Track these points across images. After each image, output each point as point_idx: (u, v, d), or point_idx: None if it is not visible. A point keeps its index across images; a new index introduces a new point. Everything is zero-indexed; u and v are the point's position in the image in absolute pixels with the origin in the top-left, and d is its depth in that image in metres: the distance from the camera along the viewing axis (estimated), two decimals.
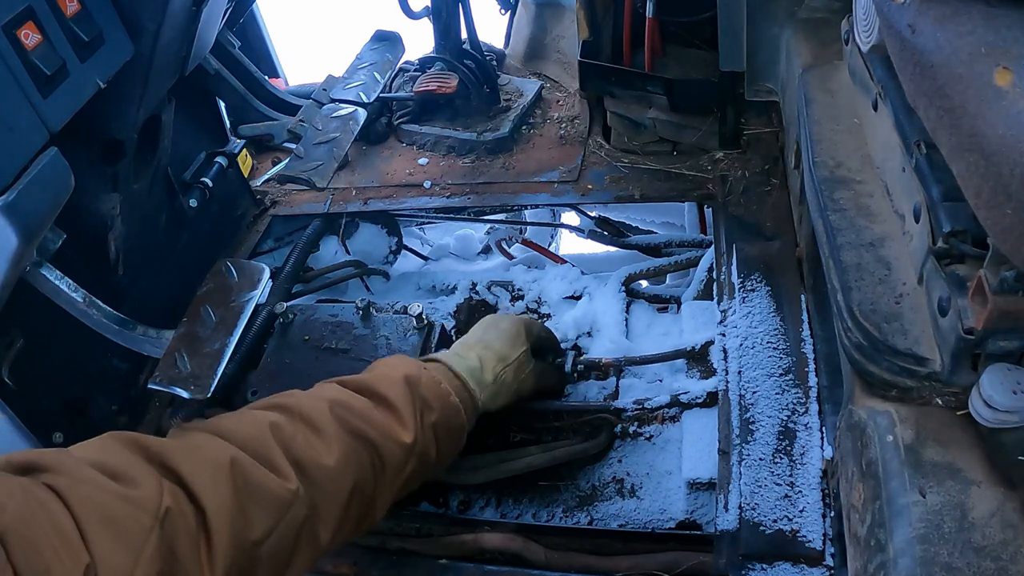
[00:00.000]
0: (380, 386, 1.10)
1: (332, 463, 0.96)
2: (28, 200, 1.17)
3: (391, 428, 1.05)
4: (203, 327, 1.56)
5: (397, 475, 1.06)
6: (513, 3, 2.33)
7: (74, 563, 0.71)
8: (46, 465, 0.78)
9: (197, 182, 1.81)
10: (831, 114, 1.15)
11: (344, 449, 0.99)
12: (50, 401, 1.44)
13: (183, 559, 0.80)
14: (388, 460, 1.04)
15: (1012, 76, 0.61)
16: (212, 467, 0.86)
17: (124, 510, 0.77)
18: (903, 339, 0.83)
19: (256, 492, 0.88)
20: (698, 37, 1.74)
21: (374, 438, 1.03)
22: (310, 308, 1.65)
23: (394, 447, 1.05)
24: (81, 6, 1.26)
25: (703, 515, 1.30)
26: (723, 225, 1.59)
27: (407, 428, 1.07)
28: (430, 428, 1.11)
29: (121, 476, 0.81)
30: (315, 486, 0.94)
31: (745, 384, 1.25)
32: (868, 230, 0.96)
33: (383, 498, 1.06)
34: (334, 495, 0.96)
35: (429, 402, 1.12)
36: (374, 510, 1.05)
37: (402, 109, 2.14)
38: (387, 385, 1.10)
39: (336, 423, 1.01)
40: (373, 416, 1.05)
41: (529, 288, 1.78)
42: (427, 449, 1.10)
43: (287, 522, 0.90)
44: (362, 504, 1.01)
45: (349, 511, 0.99)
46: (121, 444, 0.86)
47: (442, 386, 1.16)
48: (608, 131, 1.93)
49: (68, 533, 0.73)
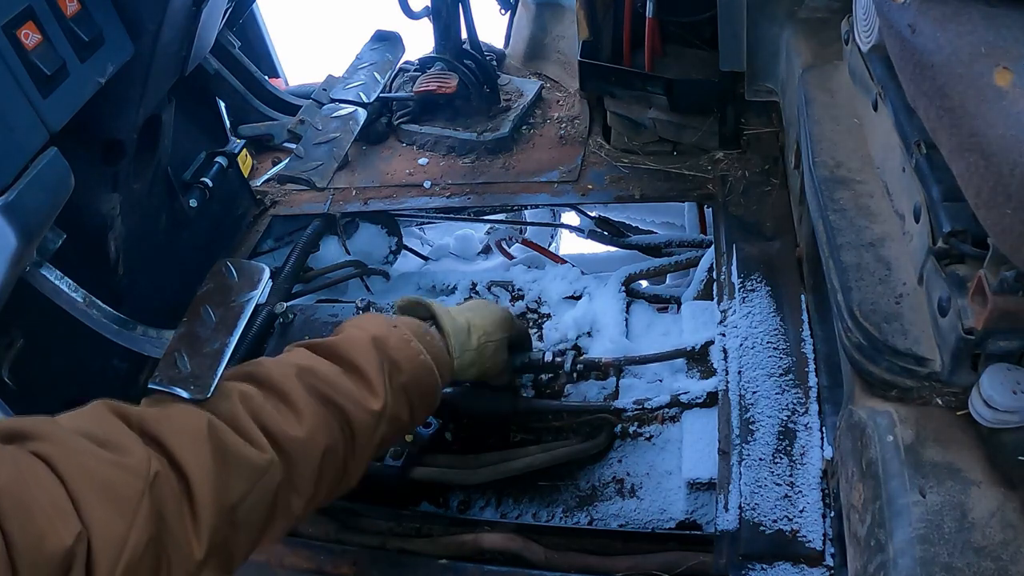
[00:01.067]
0: (348, 350, 1.09)
1: (302, 433, 0.96)
2: (28, 200, 1.17)
3: (360, 394, 1.04)
4: (203, 327, 1.55)
5: (368, 440, 1.05)
6: (513, 3, 2.33)
7: (67, 530, 0.71)
8: (34, 433, 0.78)
9: (197, 182, 1.81)
10: (831, 114, 1.15)
11: (313, 418, 0.98)
12: (50, 401, 1.43)
13: (171, 524, 0.80)
14: (358, 426, 1.03)
15: (1012, 76, 0.61)
16: (191, 433, 0.87)
17: (117, 476, 0.78)
18: (903, 339, 0.83)
19: (233, 458, 0.88)
20: (698, 37, 1.74)
21: (343, 404, 1.02)
22: (310, 308, 1.65)
23: (363, 413, 1.04)
24: (81, 6, 1.26)
25: (703, 515, 1.30)
26: (723, 225, 1.59)
27: (376, 393, 1.06)
28: (400, 390, 1.10)
29: (110, 444, 0.81)
30: (287, 455, 0.94)
31: (745, 384, 1.25)
32: (868, 230, 0.96)
33: (356, 463, 1.05)
34: (305, 464, 0.96)
35: (398, 363, 1.11)
36: (347, 475, 1.05)
37: (402, 109, 2.14)
38: (355, 348, 1.09)
39: (305, 391, 1.00)
40: (341, 382, 1.04)
41: (529, 288, 1.78)
42: (398, 412, 1.10)
43: (261, 489, 0.90)
44: (334, 471, 1.01)
45: (321, 478, 0.99)
46: (106, 412, 0.86)
47: (412, 344, 1.14)
48: (608, 131, 1.93)
49: (59, 500, 0.73)
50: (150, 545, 0.77)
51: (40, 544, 0.69)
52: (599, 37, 1.78)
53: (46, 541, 0.69)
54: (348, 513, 1.41)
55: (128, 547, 0.75)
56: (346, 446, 1.02)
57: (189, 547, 0.82)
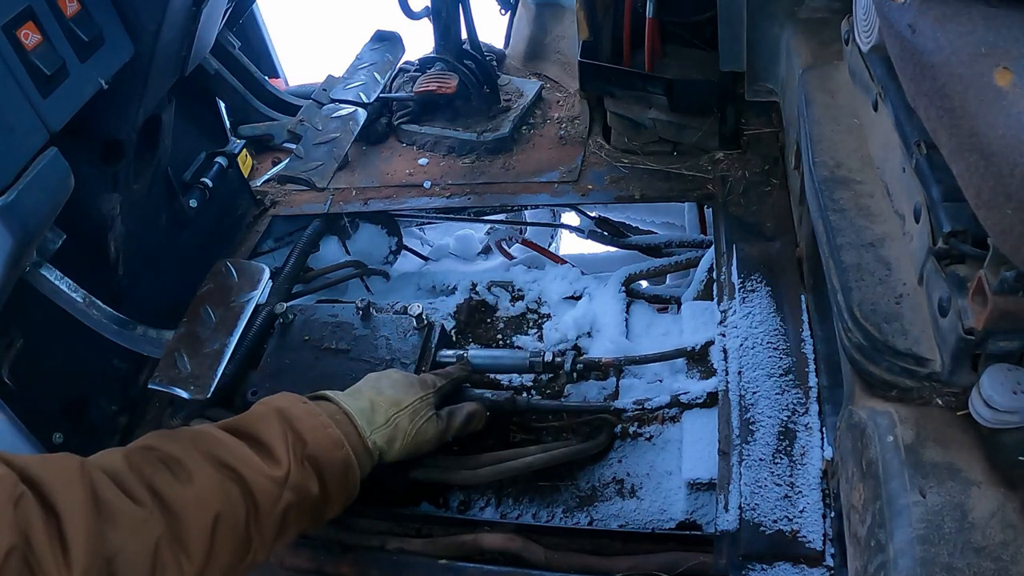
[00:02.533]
0: (251, 423, 1.08)
1: (190, 493, 0.94)
2: (28, 200, 1.17)
3: (259, 462, 1.02)
4: (203, 327, 1.56)
5: (272, 508, 1.02)
6: (513, 3, 2.34)
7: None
8: None
9: (197, 182, 1.81)
10: (831, 114, 1.15)
11: (206, 479, 0.96)
12: (50, 401, 1.44)
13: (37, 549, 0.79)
14: (259, 493, 1.00)
15: (1012, 76, 0.61)
16: (66, 477, 0.86)
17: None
18: (903, 339, 0.83)
19: (108, 507, 0.87)
20: (698, 37, 1.74)
21: (241, 470, 1.00)
22: (310, 308, 1.64)
23: (264, 480, 1.01)
24: (81, 6, 1.26)
25: (703, 515, 1.30)
26: (723, 225, 1.59)
27: (277, 461, 1.04)
28: (306, 461, 1.08)
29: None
30: (172, 513, 0.92)
31: (745, 384, 1.25)
32: (868, 230, 0.96)
33: (263, 534, 1.02)
34: (195, 523, 0.93)
35: (301, 434, 1.09)
36: (252, 547, 1.01)
37: (402, 109, 2.14)
38: (257, 421, 1.08)
39: (199, 455, 0.99)
40: (240, 450, 1.02)
41: (529, 288, 1.78)
42: (305, 483, 1.07)
43: (138, 542, 0.88)
44: (234, 538, 0.98)
45: (217, 543, 0.96)
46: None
47: (320, 418, 1.13)
48: (608, 131, 1.93)
49: None
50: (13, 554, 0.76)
51: None
52: (599, 37, 1.78)
53: None
54: (348, 513, 1.41)
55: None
56: (248, 513, 0.99)
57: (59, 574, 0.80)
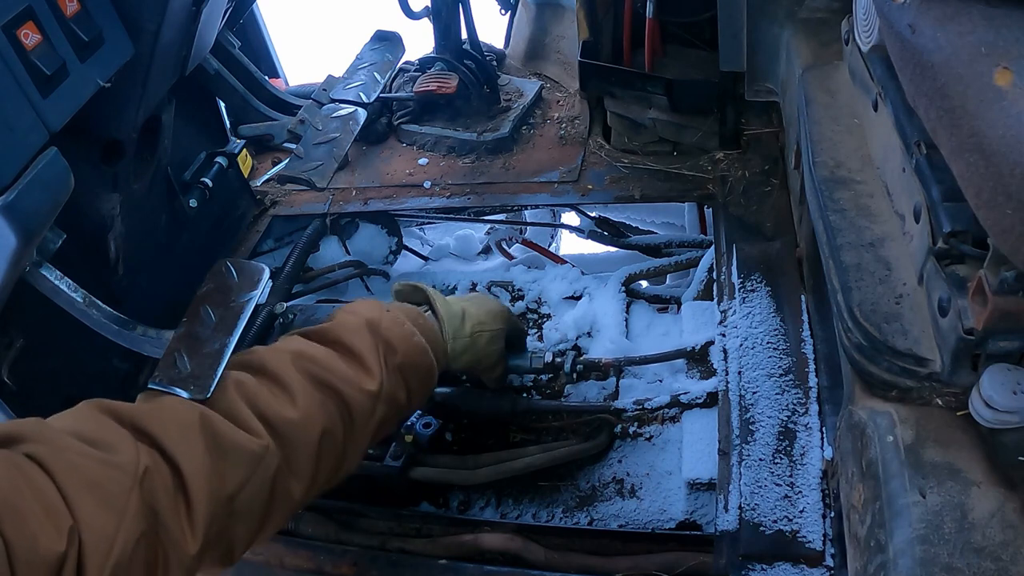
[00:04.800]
0: (342, 334, 1.09)
1: (297, 416, 0.96)
2: (28, 200, 1.17)
3: (355, 375, 1.05)
4: (203, 327, 1.55)
5: (367, 422, 1.05)
6: (513, 3, 2.33)
7: (58, 528, 0.73)
8: (25, 436, 0.80)
9: (197, 182, 1.81)
10: (831, 114, 1.15)
11: (309, 400, 0.98)
12: (50, 401, 1.43)
13: (164, 518, 0.81)
14: (355, 408, 1.03)
15: (1012, 76, 0.61)
16: (182, 426, 0.88)
17: (105, 474, 0.79)
18: (903, 339, 0.83)
19: (227, 447, 0.89)
20: (698, 37, 1.74)
21: (339, 387, 1.02)
22: (310, 308, 1.64)
23: (359, 395, 1.04)
24: (81, 6, 1.26)
25: (703, 515, 1.30)
26: (723, 225, 1.59)
27: (371, 374, 1.06)
28: (396, 370, 1.10)
29: (99, 442, 0.82)
30: (283, 439, 0.94)
31: (745, 384, 1.25)
32: (868, 230, 0.96)
33: (355, 446, 1.05)
34: (303, 447, 0.96)
35: (392, 344, 1.11)
36: (346, 459, 1.05)
37: (402, 109, 2.14)
38: (349, 332, 1.09)
39: (299, 374, 1.01)
40: (336, 365, 1.04)
41: (529, 288, 1.78)
42: (395, 392, 1.10)
43: (259, 476, 0.90)
44: (333, 454, 1.01)
45: (320, 462, 0.99)
46: (96, 411, 0.87)
47: (405, 326, 1.14)
48: (608, 131, 1.93)
49: (52, 500, 0.74)
50: (141, 540, 0.78)
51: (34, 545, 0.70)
52: (599, 37, 1.78)
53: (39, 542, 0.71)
54: (348, 513, 1.41)
55: (117, 543, 0.76)
56: (345, 429, 1.02)
57: (184, 540, 0.82)
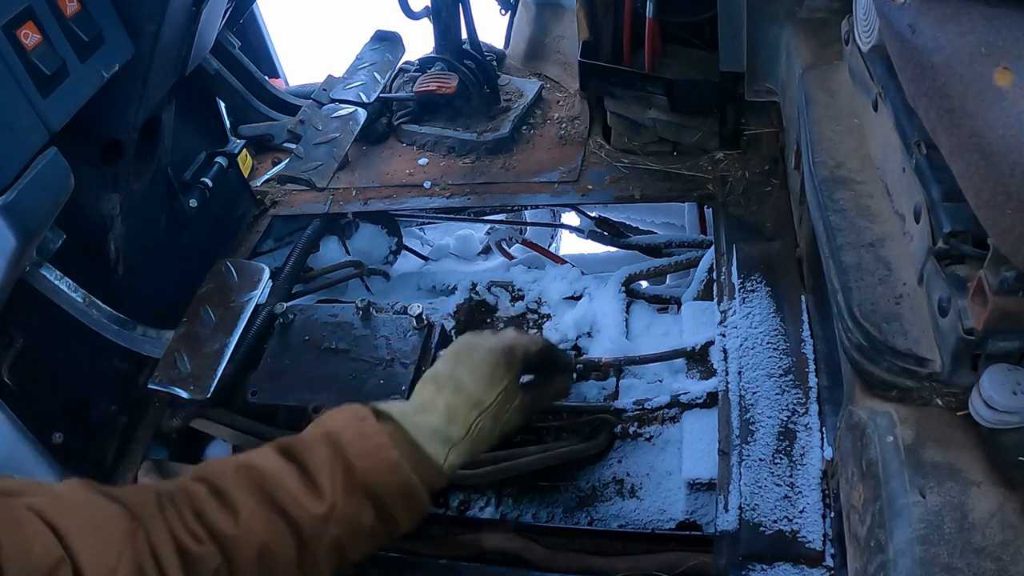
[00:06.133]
0: (302, 448, 1.02)
1: (233, 531, 0.92)
2: (28, 200, 1.17)
3: (304, 495, 0.98)
4: (203, 327, 1.55)
5: (319, 543, 0.98)
6: (513, 3, 2.33)
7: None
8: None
9: (197, 182, 1.81)
10: (831, 114, 1.15)
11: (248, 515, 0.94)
12: (50, 401, 1.44)
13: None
14: (304, 528, 0.96)
15: (1012, 76, 0.61)
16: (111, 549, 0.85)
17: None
18: (903, 339, 0.83)
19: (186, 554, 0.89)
20: (698, 37, 1.74)
21: (285, 505, 0.96)
22: (310, 308, 1.65)
23: (305, 515, 0.96)
24: (81, 6, 1.26)
25: (703, 515, 1.30)
26: (723, 225, 1.59)
27: (320, 494, 0.98)
28: (357, 490, 1.00)
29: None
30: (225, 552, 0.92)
31: (745, 384, 1.25)
32: (868, 230, 0.96)
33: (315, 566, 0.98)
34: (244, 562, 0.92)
35: (350, 460, 1.00)
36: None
37: (402, 109, 2.14)
38: (306, 447, 1.02)
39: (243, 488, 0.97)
40: (287, 483, 0.98)
41: (529, 288, 1.78)
42: (355, 513, 0.99)
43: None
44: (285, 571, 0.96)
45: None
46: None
47: (373, 439, 1.02)
48: (608, 131, 1.93)
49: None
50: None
51: None
52: (599, 37, 1.78)
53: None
54: None
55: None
56: (298, 547, 0.96)
57: None
